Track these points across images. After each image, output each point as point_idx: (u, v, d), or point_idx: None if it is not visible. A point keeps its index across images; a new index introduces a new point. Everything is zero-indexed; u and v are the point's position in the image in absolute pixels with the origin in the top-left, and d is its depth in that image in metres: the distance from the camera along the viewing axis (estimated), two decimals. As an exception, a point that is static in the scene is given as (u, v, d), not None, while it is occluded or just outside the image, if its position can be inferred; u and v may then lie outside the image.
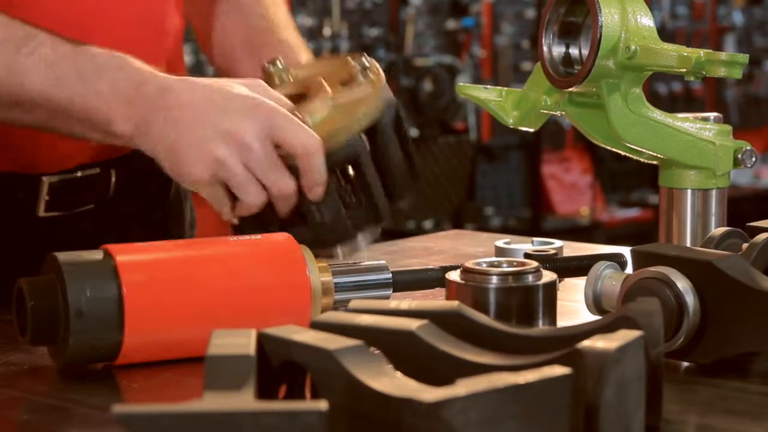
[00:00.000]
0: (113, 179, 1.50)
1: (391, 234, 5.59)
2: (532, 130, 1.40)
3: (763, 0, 7.03)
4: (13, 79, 1.25)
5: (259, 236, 1.16)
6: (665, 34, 6.50)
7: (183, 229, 1.67)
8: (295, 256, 1.13)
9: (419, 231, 5.30)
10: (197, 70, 4.54)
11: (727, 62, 1.23)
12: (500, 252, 1.40)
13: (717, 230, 1.17)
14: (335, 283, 1.16)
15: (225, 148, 1.21)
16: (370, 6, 5.45)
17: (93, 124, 1.26)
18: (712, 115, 1.34)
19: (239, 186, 1.22)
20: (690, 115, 1.32)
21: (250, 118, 1.21)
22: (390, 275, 1.21)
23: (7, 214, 1.44)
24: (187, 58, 4.40)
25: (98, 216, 1.50)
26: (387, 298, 1.21)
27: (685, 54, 1.24)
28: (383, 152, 1.30)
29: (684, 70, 1.25)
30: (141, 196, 1.57)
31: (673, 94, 6.58)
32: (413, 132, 5.48)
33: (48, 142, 1.41)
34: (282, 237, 1.16)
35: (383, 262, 1.23)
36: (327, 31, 5.35)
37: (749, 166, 1.30)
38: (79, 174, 1.46)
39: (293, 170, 1.23)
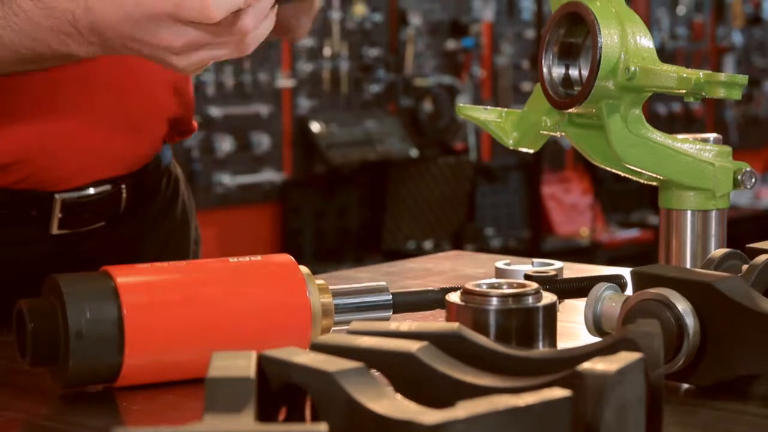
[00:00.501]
0: (124, 196, 1.51)
1: (391, 254, 5.59)
2: (531, 151, 1.40)
3: (762, 20, 7.05)
4: None
5: (259, 257, 1.16)
6: (665, 54, 6.52)
7: (188, 246, 1.68)
8: (295, 277, 1.13)
9: (419, 251, 5.31)
10: None
11: (726, 83, 1.23)
12: (500, 273, 1.40)
13: (717, 252, 1.17)
14: (335, 304, 1.16)
15: (173, 60, 1.23)
16: (370, 26, 5.47)
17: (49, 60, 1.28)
18: (712, 136, 1.34)
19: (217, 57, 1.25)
20: (689, 136, 1.32)
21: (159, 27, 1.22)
22: (390, 296, 1.21)
23: (20, 231, 1.45)
24: None
25: (107, 233, 1.51)
26: (387, 319, 1.21)
27: (684, 75, 1.24)
28: None
29: (683, 91, 1.25)
30: (148, 212, 1.58)
31: (672, 115, 6.60)
32: (413, 152, 5.49)
33: (60, 159, 1.42)
34: (282, 258, 1.16)
35: (383, 283, 1.23)
36: (327, 51, 5.37)
37: (749, 187, 1.30)
38: (91, 191, 1.47)
39: None
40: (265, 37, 1.27)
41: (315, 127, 5.28)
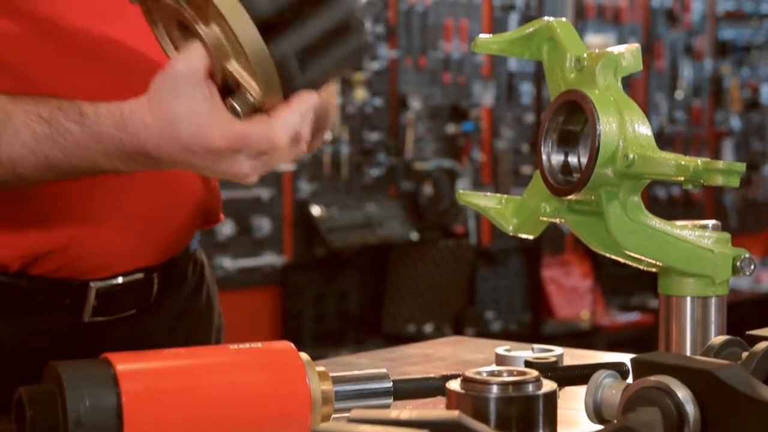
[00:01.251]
0: (156, 284, 1.52)
1: (392, 338, 5.57)
2: (531, 237, 1.41)
3: (759, 105, 7.09)
4: (5, 170, 1.26)
5: (259, 344, 1.16)
6: (663, 138, 6.56)
7: (210, 334, 1.68)
8: (294, 365, 1.13)
9: (419, 335, 5.29)
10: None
11: (724, 171, 1.24)
12: (500, 359, 1.40)
13: (716, 339, 1.17)
14: (336, 392, 1.15)
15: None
16: (371, 111, 5.50)
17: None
18: (711, 222, 1.34)
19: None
20: (689, 223, 1.32)
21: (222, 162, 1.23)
22: (391, 384, 1.21)
23: (53, 319, 1.45)
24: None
25: (137, 321, 1.51)
26: (387, 406, 1.20)
27: (683, 163, 1.25)
28: None
29: (682, 178, 1.25)
30: (177, 300, 1.58)
31: (672, 199, 6.62)
32: (413, 236, 5.49)
33: (96, 251, 1.43)
34: (282, 345, 1.16)
35: (384, 370, 1.23)
36: (328, 136, 5.40)
37: (748, 274, 1.30)
38: (124, 280, 1.48)
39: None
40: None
41: (315, 210, 5.30)
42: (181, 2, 1.19)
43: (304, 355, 1.15)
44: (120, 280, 1.47)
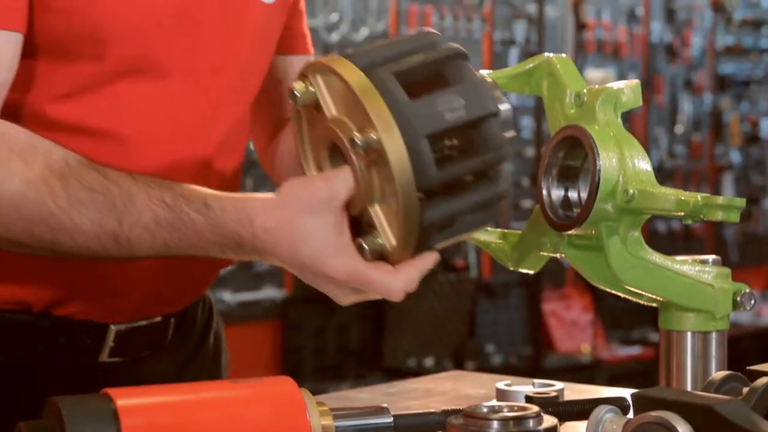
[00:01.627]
0: (171, 326, 1.53)
1: (392, 372, 5.54)
2: (532, 272, 1.41)
3: (759, 139, 7.11)
4: (121, 249, 1.28)
5: (260, 379, 1.16)
6: (663, 173, 6.57)
7: (219, 373, 1.69)
8: (295, 399, 1.13)
9: (420, 368, 5.28)
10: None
11: (724, 206, 1.24)
12: (501, 394, 1.39)
13: (717, 374, 1.17)
14: (336, 427, 1.15)
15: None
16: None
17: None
18: (711, 257, 1.34)
19: None
20: (689, 258, 1.33)
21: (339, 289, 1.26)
22: (391, 419, 1.21)
23: (70, 358, 1.46)
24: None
25: (150, 362, 1.52)
26: (388, 441, 1.20)
27: (683, 198, 1.25)
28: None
29: (682, 213, 1.26)
30: (188, 340, 1.60)
31: (672, 233, 6.62)
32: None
33: (117, 296, 1.45)
34: (283, 381, 1.16)
35: (384, 405, 1.23)
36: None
37: (748, 308, 1.30)
38: (144, 323, 1.50)
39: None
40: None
41: (316, 244, 5.30)
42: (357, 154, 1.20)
43: (304, 391, 1.15)
44: (140, 323, 1.49)
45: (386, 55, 1.21)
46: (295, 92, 1.23)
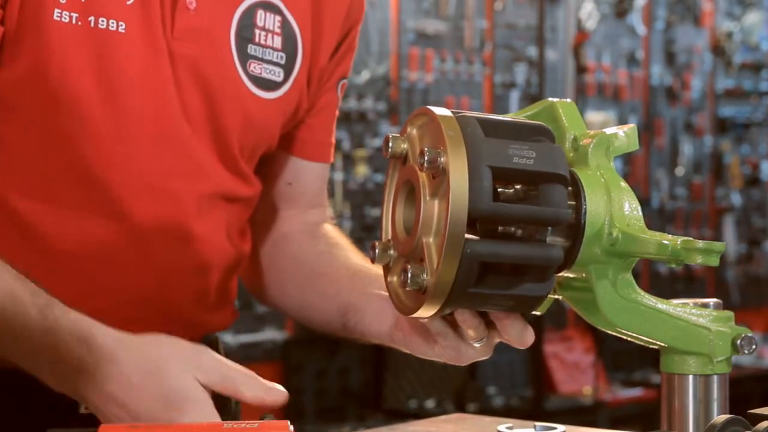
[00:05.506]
0: None
1: (393, 413, 5.51)
2: (538, 314, 1.41)
3: (760, 182, 7.12)
4: None
5: (255, 424, 1.16)
6: (664, 215, 6.57)
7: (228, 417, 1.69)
8: None
9: (421, 410, 5.27)
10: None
11: (703, 250, 1.24)
12: (503, 438, 1.39)
13: (719, 418, 1.17)
14: None
15: None
16: (372, 187, 5.52)
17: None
18: (712, 301, 1.33)
19: None
20: (690, 301, 1.32)
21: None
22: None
23: (50, 413, 1.45)
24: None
25: None
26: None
27: (664, 242, 1.25)
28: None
29: (663, 257, 1.25)
30: None
31: (673, 275, 6.61)
32: (415, 311, 5.48)
33: None
34: (279, 424, 1.15)
35: None
36: (330, 212, 5.41)
37: (747, 353, 1.29)
38: None
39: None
40: None
41: (317, 285, 5.29)
42: (423, 170, 1.21)
43: None
44: None
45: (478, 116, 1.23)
46: (389, 142, 1.29)
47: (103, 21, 1.40)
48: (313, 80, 1.61)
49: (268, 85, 1.54)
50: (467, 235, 1.17)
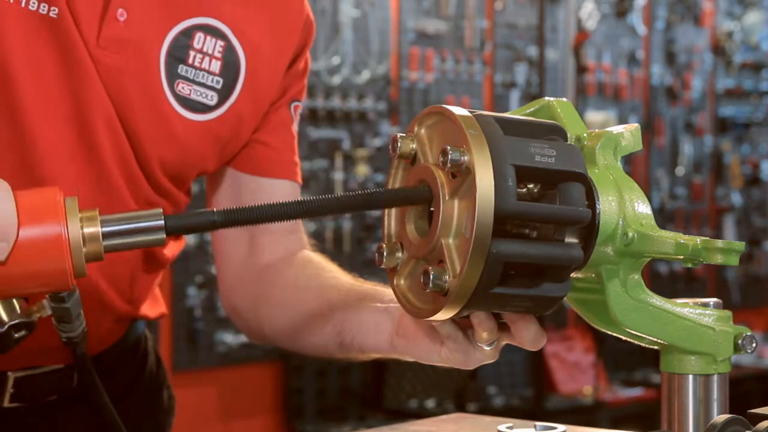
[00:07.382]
0: (75, 377, 1.52)
1: (393, 413, 5.51)
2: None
3: (760, 181, 7.12)
4: None
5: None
6: (664, 214, 6.57)
7: (158, 416, 1.67)
8: (52, 204, 1.07)
9: (421, 410, 5.27)
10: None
11: (723, 250, 1.24)
12: (503, 437, 1.39)
13: (719, 418, 1.17)
14: (103, 233, 1.10)
15: None
16: (373, 186, 5.53)
17: None
18: (712, 300, 1.34)
19: None
20: (690, 301, 1.32)
21: None
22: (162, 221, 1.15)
23: None
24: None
25: (63, 407, 1.51)
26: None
27: (682, 241, 1.25)
28: None
29: (681, 257, 1.26)
30: (106, 389, 1.53)
31: (674, 275, 6.61)
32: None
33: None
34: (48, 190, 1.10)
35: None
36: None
37: (749, 351, 1.30)
38: (45, 369, 1.49)
39: None
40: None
41: (317, 285, 5.29)
42: (444, 170, 1.20)
43: (71, 198, 1.09)
44: (38, 370, 1.48)
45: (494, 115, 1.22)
46: (397, 142, 1.26)
47: (34, 3, 1.39)
48: (261, 105, 1.59)
49: (197, 107, 1.51)
50: (494, 237, 1.16)
